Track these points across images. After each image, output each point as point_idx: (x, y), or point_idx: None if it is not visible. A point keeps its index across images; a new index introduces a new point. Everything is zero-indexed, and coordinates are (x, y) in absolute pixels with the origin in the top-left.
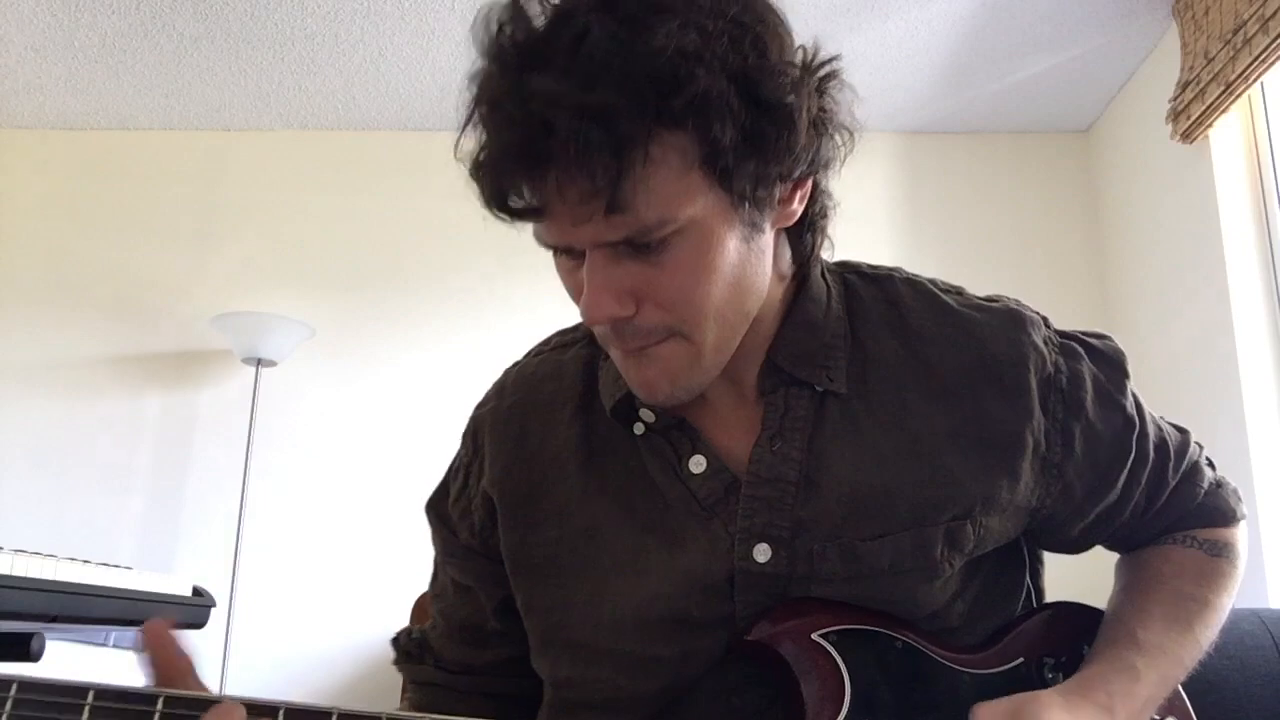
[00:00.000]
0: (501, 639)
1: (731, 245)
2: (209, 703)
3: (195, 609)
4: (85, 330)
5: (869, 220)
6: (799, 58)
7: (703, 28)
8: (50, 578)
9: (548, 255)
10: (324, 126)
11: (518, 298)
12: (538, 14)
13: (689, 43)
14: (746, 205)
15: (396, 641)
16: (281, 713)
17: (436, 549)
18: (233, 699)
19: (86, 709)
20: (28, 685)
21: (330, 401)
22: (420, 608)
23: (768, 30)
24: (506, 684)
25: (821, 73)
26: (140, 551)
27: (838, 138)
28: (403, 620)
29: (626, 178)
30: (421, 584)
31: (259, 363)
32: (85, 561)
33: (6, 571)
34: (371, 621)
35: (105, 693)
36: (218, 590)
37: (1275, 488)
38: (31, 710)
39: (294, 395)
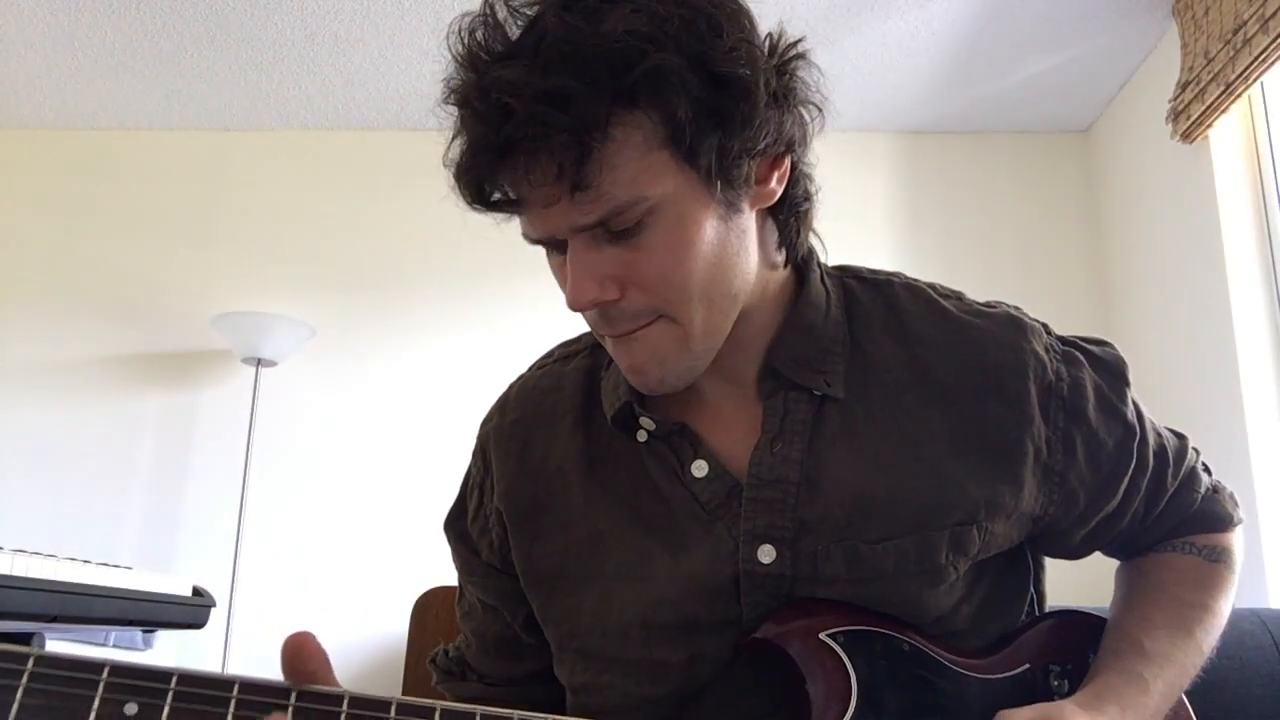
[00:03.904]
0: (537, 651)
1: (709, 224)
2: (223, 682)
3: (195, 609)
4: (85, 330)
5: (869, 220)
6: (760, 40)
7: (654, 13)
8: (50, 578)
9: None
10: (324, 126)
11: (518, 298)
12: (505, 18)
13: (640, 25)
14: (718, 184)
15: (434, 662)
16: (346, 700)
17: (458, 568)
18: (246, 679)
19: (101, 684)
20: (44, 660)
21: (330, 401)
22: (420, 608)
23: (722, 14)
24: (550, 690)
25: (786, 54)
26: (140, 551)
27: (804, 114)
28: (403, 620)
29: (589, 158)
30: (421, 584)
31: (259, 363)
32: (85, 561)
33: (6, 571)
34: (372, 621)
35: (120, 669)
36: (218, 590)
37: (1275, 488)
38: (47, 684)
39: (294, 395)
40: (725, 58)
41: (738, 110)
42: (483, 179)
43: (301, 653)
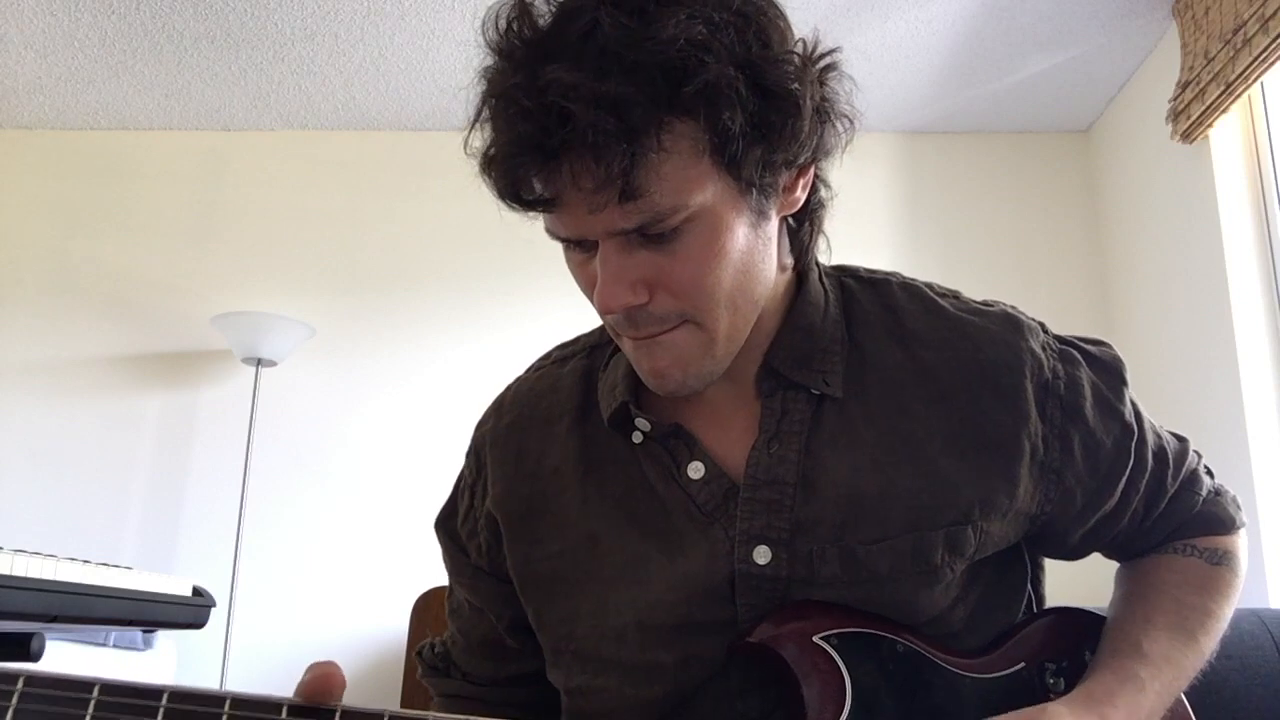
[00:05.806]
0: (520, 655)
1: (740, 232)
2: (214, 698)
3: (195, 609)
4: (85, 330)
5: (869, 220)
6: (799, 49)
7: (709, 19)
8: (50, 578)
9: (548, 255)
10: (324, 126)
11: (518, 297)
12: (544, 11)
13: (697, 33)
14: (754, 192)
15: (420, 655)
16: (338, 714)
17: (448, 568)
18: (238, 694)
19: (91, 704)
20: (34, 680)
21: (330, 401)
22: (420, 608)
23: (769, 22)
24: (534, 693)
25: (821, 63)
26: (140, 551)
27: (839, 125)
28: (403, 620)
29: (640, 165)
30: (421, 584)
31: (259, 363)
32: (85, 561)
33: (6, 571)
34: (371, 621)
35: (110, 688)
36: (218, 590)
37: (1275, 489)
38: (37, 704)
39: (294, 395)
40: (776, 71)
41: (786, 125)
42: (522, 177)
43: (326, 685)
